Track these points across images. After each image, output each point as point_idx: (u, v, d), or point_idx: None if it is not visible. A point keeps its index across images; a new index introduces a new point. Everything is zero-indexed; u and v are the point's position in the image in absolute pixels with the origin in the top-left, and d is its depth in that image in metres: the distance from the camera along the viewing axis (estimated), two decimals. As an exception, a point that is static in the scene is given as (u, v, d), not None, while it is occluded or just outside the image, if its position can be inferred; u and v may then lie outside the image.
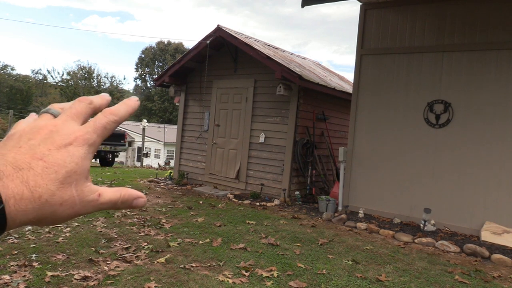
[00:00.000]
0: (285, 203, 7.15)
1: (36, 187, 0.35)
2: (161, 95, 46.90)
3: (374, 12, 6.77)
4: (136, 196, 0.43)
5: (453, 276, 3.91)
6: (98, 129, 0.40)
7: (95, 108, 0.43)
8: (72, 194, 0.37)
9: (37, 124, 0.40)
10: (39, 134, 0.38)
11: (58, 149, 0.37)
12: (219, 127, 8.62)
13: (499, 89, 5.56)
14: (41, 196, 0.35)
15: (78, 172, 0.37)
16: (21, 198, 0.35)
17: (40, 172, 0.36)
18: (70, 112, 0.41)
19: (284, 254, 4.21)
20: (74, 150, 0.38)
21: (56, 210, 0.37)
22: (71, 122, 0.40)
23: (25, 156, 0.36)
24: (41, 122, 0.40)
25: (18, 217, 0.35)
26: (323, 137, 8.36)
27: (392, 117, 6.45)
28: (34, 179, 0.35)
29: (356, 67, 6.89)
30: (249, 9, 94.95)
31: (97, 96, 0.44)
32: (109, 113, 0.41)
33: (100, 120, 0.41)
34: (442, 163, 5.94)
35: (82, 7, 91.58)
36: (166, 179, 9.47)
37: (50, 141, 0.37)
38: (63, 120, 0.40)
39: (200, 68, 8.92)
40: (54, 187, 0.36)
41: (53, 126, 0.39)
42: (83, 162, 0.38)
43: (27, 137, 0.38)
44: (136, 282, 3.26)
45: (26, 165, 0.36)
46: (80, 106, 0.42)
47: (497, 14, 5.63)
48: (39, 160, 0.36)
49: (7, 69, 51.29)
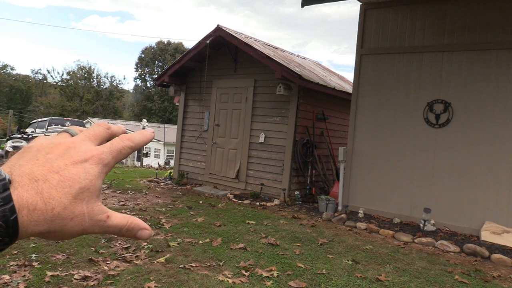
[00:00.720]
0: (285, 203, 7.15)
1: (50, 199, 0.36)
2: (161, 95, 46.88)
3: (374, 12, 6.77)
4: (142, 227, 0.43)
5: (453, 276, 3.91)
6: (113, 151, 0.41)
7: (112, 134, 0.44)
8: (83, 211, 0.38)
9: (55, 140, 0.41)
10: (57, 149, 0.39)
11: (74, 164, 0.38)
12: (219, 127, 8.62)
13: (499, 89, 5.56)
14: (53, 209, 0.36)
15: (91, 189, 0.38)
16: (34, 209, 0.35)
17: (55, 184, 0.36)
18: (88, 133, 0.43)
19: (284, 254, 4.21)
20: (89, 168, 0.39)
21: (66, 225, 0.37)
22: (88, 142, 0.41)
23: (42, 169, 0.37)
24: (60, 139, 0.41)
25: (29, 228, 0.35)
26: (323, 137, 8.36)
27: (392, 117, 6.45)
28: (49, 191, 0.36)
29: (356, 67, 6.89)
30: (249, 9, 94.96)
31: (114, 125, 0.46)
32: (126, 139, 0.43)
33: (116, 143, 0.42)
34: (442, 163, 5.94)
35: (82, 7, 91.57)
36: (166, 179, 9.47)
37: (67, 156, 0.38)
38: (81, 139, 0.41)
39: (200, 68, 8.92)
40: (67, 201, 0.37)
41: (71, 143, 0.40)
42: (96, 180, 0.39)
43: (45, 151, 0.39)
44: (136, 282, 3.26)
45: (42, 177, 0.36)
46: (98, 129, 0.43)
47: (497, 14, 5.63)
48: (55, 174, 0.37)
49: (7, 69, 51.27)
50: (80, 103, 47.90)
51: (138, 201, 6.70)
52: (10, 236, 0.34)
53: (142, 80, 53.25)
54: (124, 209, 5.92)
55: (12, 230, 0.34)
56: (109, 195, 7.03)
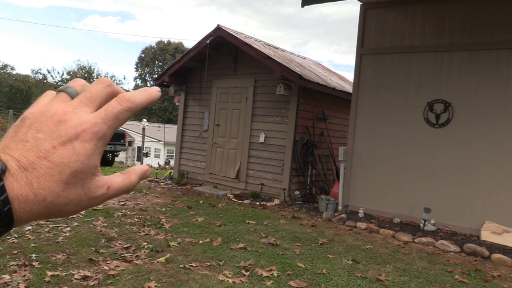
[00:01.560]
0: (285, 203, 7.15)
1: (40, 189, 0.34)
2: (161, 94, 46.81)
3: (374, 12, 6.77)
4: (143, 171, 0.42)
5: (453, 276, 3.91)
6: (109, 119, 0.37)
7: (113, 92, 0.39)
8: (79, 193, 0.36)
9: (48, 109, 0.37)
10: (47, 125, 0.36)
11: (63, 145, 0.35)
12: (219, 126, 8.62)
13: (499, 88, 5.56)
14: (45, 198, 0.34)
15: (84, 171, 0.36)
16: (25, 200, 0.34)
17: (44, 173, 0.34)
18: (84, 96, 0.38)
19: (284, 254, 4.22)
20: (80, 147, 0.35)
21: (62, 209, 0.36)
22: (83, 109, 0.37)
23: (30, 154, 0.35)
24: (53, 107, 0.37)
25: (24, 217, 0.34)
26: (323, 137, 8.36)
27: (392, 117, 6.45)
28: (38, 181, 0.34)
29: (356, 67, 6.89)
30: (250, 9, 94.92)
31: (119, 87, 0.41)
32: (125, 100, 0.38)
33: (112, 108, 0.37)
34: (442, 162, 5.94)
35: (82, 6, 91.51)
36: (166, 178, 9.47)
37: (56, 135, 0.35)
38: (74, 107, 0.37)
39: (200, 68, 8.92)
40: (58, 189, 0.35)
41: (62, 114, 0.36)
42: (89, 159, 0.36)
43: (36, 127, 0.36)
44: (136, 282, 3.26)
45: (30, 165, 0.34)
46: (96, 89, 0.38)
47: (497, 14, 5.63)
48: (44, 159, 0.34)
49: (7, 68, 51.30)
50: (80, 103, 47.86)
51: (138, 201, 6.70)
52: (4, 226, 0.33)
53: (142, 80, 53.26)
54: (124, 209, 5.92)
55: (6, 221, 0.33)
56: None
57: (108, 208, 5.91)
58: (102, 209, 5.79)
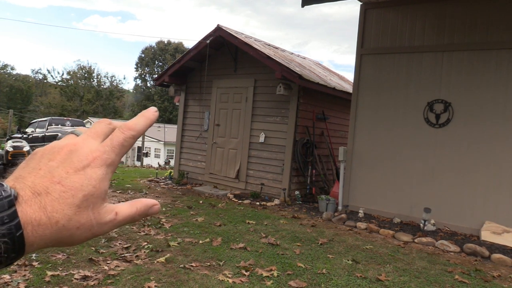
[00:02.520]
0: (285, 203, 7.15)
1: (53, 213, 0.35)
2: (161, 94, 46.89)
3: (374, 12, 6.77)
4: (150, 204, 0.43)
5: (453, 276, 3.91)
6: (115, 147, 0.40)
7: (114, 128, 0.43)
8: (90, 218, 0.37)
9: (58, 143, 0.40)
10: (59, 155, 0.38)
11: (76, 171, 0.37)
12: (219, 126, 8.62)
13: (499, 88, 5.56)
14: (58, 222, 0.36)
15: (95, 195, 0.37)
16: (38, 224, 0.35)
17: (57, 196, 0.36)
18: (90, 132, 0.42)
19: (284, 254, 4.22)
20: (92, 172, 0.38)
21: (73, 234, 0.37)
22: (91, 141, 0.40)
23: (43, 180, 0.36)
24: (63, 142, 0.40)
25: (35, 242, 0.35)
26: (323, 137, 8.36)
27: (392, 117, 6.45)
28: (52, 204, 0.36)
29: (356, 67, 6.89)
30: (250, 9, 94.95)
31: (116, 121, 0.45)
32: (127, 129, 0.41)
33: (117, 137, 0.40)
34: (442, 162, 5.94)
35: (83, 6, 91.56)
36: (166, 178, 9.47)
37: (68, 162, 0.38)
38: (83, 139, 0.40)
39: (200, 68, 8.92)
40: (71, 212, 0.36)
41: (73, 145, 0.39)
42: (100, 184, 0.38)
43: (48, 157, 0.38)
44: (136, 282, 3.26)
45: (44, 190, 0.36)
46: (99, 126, 0.42)
47: (497, 13, 5.63)
48: (57, 184, 0.36)
49: (7, 68, 51.28)
50: (80, 103, 47.90)
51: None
52: (16, 252, 0.34)
53: (142, 80, 53.26)
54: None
55: (18, 247, 0.34)
56: (109, 195, 7.00)
57: (108, 208, 5.90)
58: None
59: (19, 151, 8.50)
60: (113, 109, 50.98)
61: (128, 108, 56.22)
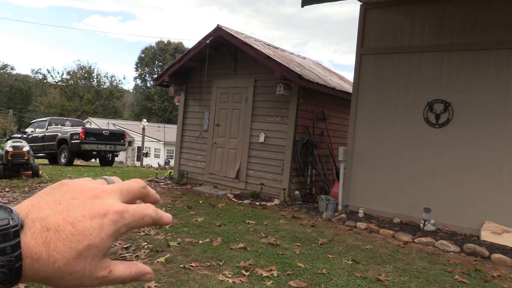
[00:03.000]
0: (285, 203, 7.15)
1: (54, 252, 0.35)
2: (161, 94, 46.89)
3: (374, 12, 6.77)
4: (145, 272, 0.43)
5: (453, 276, 3.91)
6: (137, 214, 0.40)
7: (146, 194, 0.44)
8: (84, 268, 0.37)
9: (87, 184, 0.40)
10: (84, 195, 0.39)
11: (92, 217, 0.37)
12: (219, 126, 8.62)
13: (499, 88, 5.56)
14: (55, 262, 0.35)
15: (99, 247, 0.38)
16: (37, 259, 0.35)
17: (65, 237, 0.36)
18: (122, 185, 0.42)
19: (284, 254, 4.21)
20: (106, 224, 0.38)
21: (64, 278, 0.36)
22: (118, 195, 0.41)
23: (58, 216, 0.37)
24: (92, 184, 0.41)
25: (29, 275, 0.35)
26: (323, 137, 8.36)
27: (392, 117, 6.45)
28: (56, 243, 0.36)
29: (356, 67, 6.89)
30: (251, 9, 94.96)
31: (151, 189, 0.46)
32: (152, 209, 0.42)
33: (142, 209, 0.41)
34: (442, 162, 5.94)
35: (83, 6, 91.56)
36: (166, 178, 9.47)
37: (89, 207, 0.38)
38: (112, 190, 0.40)
39: (200, 68, 8.92)
40: (70, 256, 0.36)
41: (100, 192, 0.39)
42: (108, 239, 0.38)
43: (72, 194, 0.39)
44: (136, 282, 3.26)
45: (54, 227, 0.36)
46: (133, 185, 0.43)
47: (497, 13, 5.63)
48: (69, 225, 0.36)
49: (7, 68, 51.27)
50: (80, 103, 47.89)
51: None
52: (11, 282, 0.34)
53: (142, 80, 53.26)
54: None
55: (14, 277, 0.34)
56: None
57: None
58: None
59: (19, 151, 8.50)
60: (113, 109, 50.99)
61: (128, 108, 56.22)
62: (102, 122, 33.32)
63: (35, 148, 13.71)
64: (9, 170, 8.43)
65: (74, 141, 13.13)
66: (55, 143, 13.76)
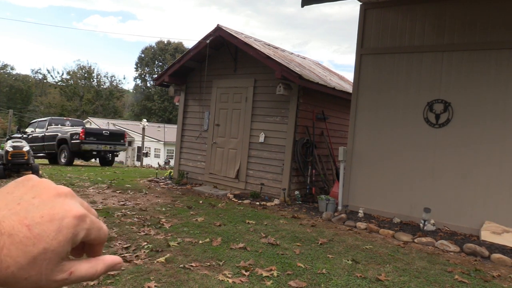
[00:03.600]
0: (285, 203, 7.15)
1: (7, 257, 0.34)
2: (161, 94, 46.89)
3: (374, 12, 6.77)
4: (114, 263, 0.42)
5: (453, 276, 3.91)
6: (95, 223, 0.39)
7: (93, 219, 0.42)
8: (40, 272, 0.35)
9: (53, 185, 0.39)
10: (47, 193, 0.38)
11: (51, 220, 0.36)
12: (219, 126, 8.62)
13: (499, 88, 5.56)
14: (8, 267, 0.34)
15: (56, 251, 0.36)
16: None
17: (18, 241, 0.34)
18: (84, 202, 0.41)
19: (284, 254, 4.22)
20: (64, 228, 0.36)
21: (19, 282, 0.35)
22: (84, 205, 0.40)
23: (13, 218, 0.35)
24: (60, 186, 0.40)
25: None
26: (323, 137, 8.36)
27: (392, 117, 6.45)
28: (9, 248, 0.34)
29: (356, 67, 6.89)
30: (251, 9, 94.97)
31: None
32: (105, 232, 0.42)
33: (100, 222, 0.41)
34: (442, 162, 5.94)
35: (83, 6, 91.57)
36: (166, 178, 9.47)
37: (50, 207, 0.36)
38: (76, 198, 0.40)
39: (200, 68, 8.92)
40: (24, 261, 0.34)
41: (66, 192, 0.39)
42: (65, 243, 0.36)
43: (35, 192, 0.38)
44: (136, 282, 3.26)
45: (8, 230, 0.34)
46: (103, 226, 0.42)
47: (497, 14, 5.63)
48: (24, 227, 0.35)
49: (7, 68, 51.27)
50: (80, 103, 47.89)
51: (138, 200, 6.70)
52: None
53: (142, 80, 53.26)
54: (124, 209, 5.92)
55: None
56: (109, 195, 7.03)
57: (108, 208, 5.91)
58: (102, 209, 5.79)
59: (19, 151, 8.50)
60: (113, 109, 50.99)
61: (128, 108, 56.22)
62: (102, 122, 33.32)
63: (35, 148, 13.71)
64: (9, 170, 8.43)
65: (74, 141, 13.13)
66: (55, 143, 13.76)
